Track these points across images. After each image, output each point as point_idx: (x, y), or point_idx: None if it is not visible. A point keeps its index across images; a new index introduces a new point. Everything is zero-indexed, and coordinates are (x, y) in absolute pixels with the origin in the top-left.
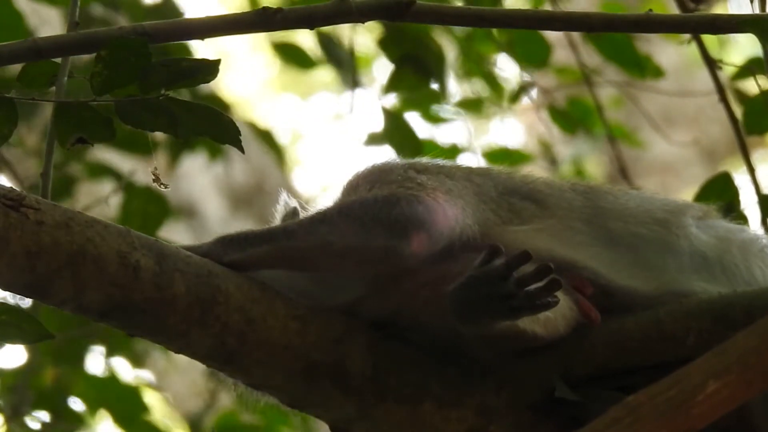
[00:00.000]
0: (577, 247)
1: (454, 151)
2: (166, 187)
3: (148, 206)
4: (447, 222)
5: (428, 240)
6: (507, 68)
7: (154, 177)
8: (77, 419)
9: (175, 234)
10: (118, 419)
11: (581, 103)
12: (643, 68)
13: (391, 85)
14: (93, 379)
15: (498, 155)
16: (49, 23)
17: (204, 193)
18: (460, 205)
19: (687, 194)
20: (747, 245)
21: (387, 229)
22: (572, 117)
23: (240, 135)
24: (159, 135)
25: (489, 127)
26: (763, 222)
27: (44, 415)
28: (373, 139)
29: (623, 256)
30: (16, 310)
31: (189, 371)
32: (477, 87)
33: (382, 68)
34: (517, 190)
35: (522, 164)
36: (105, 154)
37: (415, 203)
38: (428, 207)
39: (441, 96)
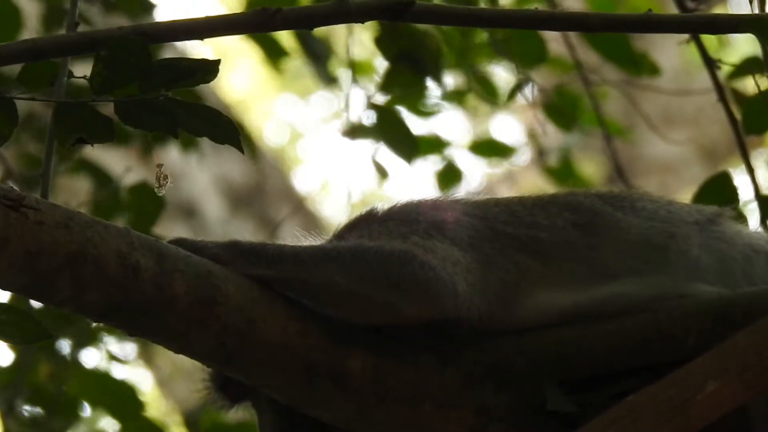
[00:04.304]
0: (576, 290)
1: (438, 144)
2: (161, 187)
3: (144, 202)
4: (454, 296)
5: (431, 308)
6: (502, 66)
7: (157, 178)
8: (72, 414)
9: (175, 234)
10: (114, 415)
11: (571, 96)
12: (639, 66)
13: (387, 83)
14: (88, 375)
15: (484, 148)
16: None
17: (204, 193)
18: (469, 281)
19: (686, 194)
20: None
21: (394, 286)
22: (567, 113)
23: (239, 135)
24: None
25: (487, 126)
26: (763, 222)
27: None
28: (359, 132)
29: (618, 285)
30: (15, 310)
31: (193, 375)
32: (471, 83)
33: (380, 67)
34: (520, 241)
35: (509, 157)
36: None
37: (427, 268)
38: (439, 276)
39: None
